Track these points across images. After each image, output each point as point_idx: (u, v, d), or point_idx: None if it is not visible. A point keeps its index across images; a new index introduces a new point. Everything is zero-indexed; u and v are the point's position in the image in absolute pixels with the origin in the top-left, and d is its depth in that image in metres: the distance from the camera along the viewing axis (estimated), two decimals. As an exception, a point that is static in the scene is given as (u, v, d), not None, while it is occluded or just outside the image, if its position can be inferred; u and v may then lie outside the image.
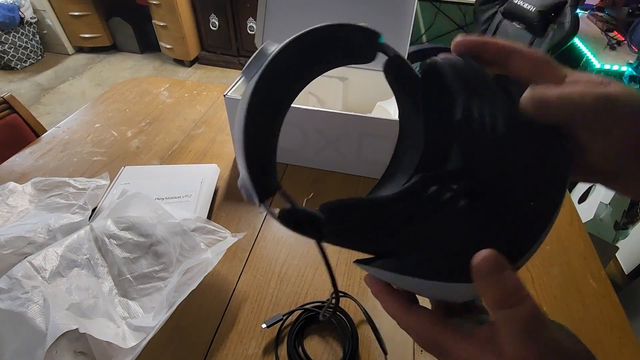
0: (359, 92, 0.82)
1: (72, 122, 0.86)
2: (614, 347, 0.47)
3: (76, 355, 0.38)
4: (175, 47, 2.70)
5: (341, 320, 0.47)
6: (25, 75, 2.61)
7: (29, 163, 0.73)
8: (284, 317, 0.47)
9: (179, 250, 0.49)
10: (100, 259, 0.48)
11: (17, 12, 2.46)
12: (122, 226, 0.49)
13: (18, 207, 0.56)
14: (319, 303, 0.49)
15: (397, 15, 0.71)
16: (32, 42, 2.67)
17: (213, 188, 0.66)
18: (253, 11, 2.44)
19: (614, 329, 0.49)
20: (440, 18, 2.36)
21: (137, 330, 0.42)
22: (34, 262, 0.43)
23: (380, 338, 0.44)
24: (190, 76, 2.74)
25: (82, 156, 0.75)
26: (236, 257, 0.56)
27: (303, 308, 0.48)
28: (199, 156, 0.76)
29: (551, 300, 0.52)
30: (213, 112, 0.90)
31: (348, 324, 0.46)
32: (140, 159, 0.75)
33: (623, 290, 1.27)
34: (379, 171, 0.28)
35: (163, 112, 0.90)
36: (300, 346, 0.45)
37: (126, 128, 0.84)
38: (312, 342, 0.46)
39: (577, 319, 0.50)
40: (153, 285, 0.47)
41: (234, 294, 0.52)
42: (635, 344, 0.48)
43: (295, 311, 0.48)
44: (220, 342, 0.46)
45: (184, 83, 1.03)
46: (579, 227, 0.64)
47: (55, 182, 0.60)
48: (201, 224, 0.52)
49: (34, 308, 0.38)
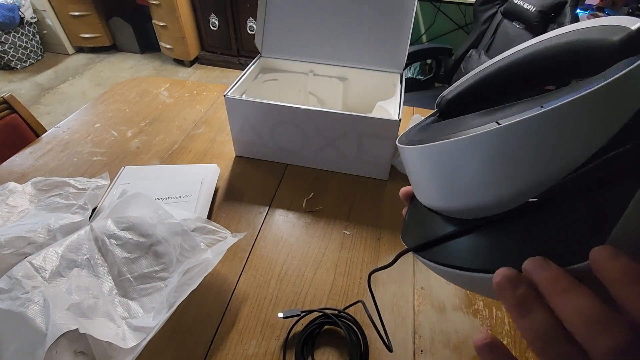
0: (359, 92, 0.82)
1: (72, 122, 0.86)
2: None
3: (76, 355, 0.38)
4: (175, 47, 2.70)
5: (351, 329, 0.46)
6: (25, 75, 2.61)
7: (29, 163, 0.73)
8: (302, 313, 0.48)
9: (179, 251, 0.49)
10: (100, 259, 0.48)
11: (17, 12, 2.45)
12: (122, 226, 0.49)
13: (18, 207, 0.56)
14: (336, 311, 0.49)
15: (397, 15, 0.71)
16: (32, 42, 2.67)
17: (213, 188, 0.66)
18: (253, 11, 2.44)
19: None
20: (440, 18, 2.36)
21: (137, 331, 0.42)
22: (34, 262, 0.43)
23: (387, 334, 0.44)
24: (190, 76, 2.74)
25: (82, 156, 0.75)
26: (236, 257, 0.56)
27: (322, 311, 0.48)
28: (199, 156, 0.76)
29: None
30: (213, 112, 0.90)
31: (358, 332, 0.46)
32: (140, 159, 0.75)
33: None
34: (379, 171, 0.29)
35: (163, 112, 0.90)
36: (311, 350, 0.46)
37: (126, 128, 0.84)
38: (320, 346, 0.46)
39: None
40: (153, 286, 0.47)
41: (234, 294, 0.52)
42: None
43: (314, 312, 0.48)
44: (220, 342, 0.46)
45: (184, 83, 1.03)
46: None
47: (55, 182, 0.60)
48: (201, 224, 0.52)
49: (34, 308, 0.38)
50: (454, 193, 0.20)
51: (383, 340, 0.42)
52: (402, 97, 0.68)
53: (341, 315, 0.48)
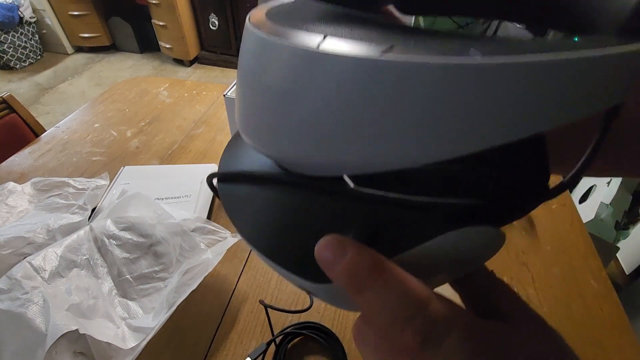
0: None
1: (72, 122, 0.85)
2: (615, 348, 0.47)
3: (76, 355, 0.38)
4: (174, 46, 2.70)
5: (329, 340, 0.45)
6: (25, 75, 2.60)
7: (28, 163, 0.73)
8: (267, 346, 0.45)
9: (179, 251, 0.49)
10: (99, 259, 0.47)
11: (16, 12, 2.45)
12: (122, 226, 0.49)
13: (17, 207, 0.56)
14: (303, 323, 0.47)
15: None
16: (31, 42, 2.67)
17: (213, 188, 0.66)
18: (253, 11, 2.43)
19: (615, 329, 0.49)
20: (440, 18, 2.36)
21: (137, 331, 0.42)
22: (33, 262, 0.43)
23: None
24: (190, 76, 2.74)
25: (82, 156, 0.75)
26: (236, 257, 0.56)
27: (283, 333, 0.46)
28: (199, 156, 0.76)
29: (551, 300, 0.52)
30: (213, 112, 0.90)
31: (335, 340, 0.45)
32: (139, 159, 0.75)
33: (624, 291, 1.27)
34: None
35: (163, 112, 0.90)
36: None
37: (126, 128, 0.84)
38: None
39: (577, 319, 0.50)
40: (153, 286, 0.47)
41: (234, 294, 0.51)
42: (636, 344, 0.48)
43: (278, 336, 0.46)
44: (220, 342, 0.46)
45: (183, 83, 1.02)
46: (580, 228, 0.64)
47: (55, 182, 0.60)
48: (201, 224, 0.52)
49: (33, 309, 0.38)
50: (335, 137, 0.12)
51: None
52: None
53: (308, 325, 0.47)
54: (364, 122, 0.12)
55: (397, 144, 0.11)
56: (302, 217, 0.15)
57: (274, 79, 0.13)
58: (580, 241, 0.61)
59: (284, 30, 0.13)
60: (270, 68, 0.13)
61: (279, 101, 0.13)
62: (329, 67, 0.11)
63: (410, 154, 0.12)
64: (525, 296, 0.52)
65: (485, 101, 0.10)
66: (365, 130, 0.12)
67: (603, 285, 0.54)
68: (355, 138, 0.12)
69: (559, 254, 0.59)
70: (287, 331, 0.46)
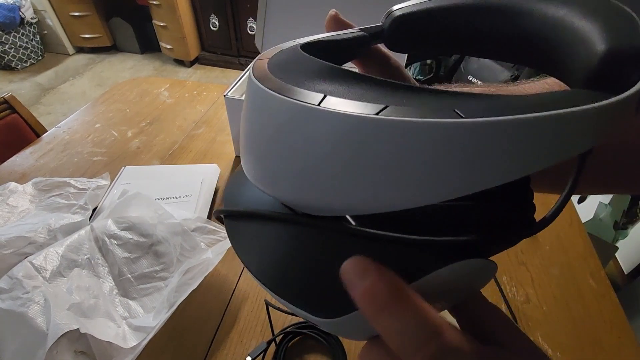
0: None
1: (73, 122, 0.86)
2: (614, 347, 0.47)
3: (77, 355, 0.38)
4: (175, 47, 2.70)
5: (328, 339, 0.46)
6: (26, 76, 2.61)
7: (30, 163, 0.73)
8: (267, 345, 0.45)
9: (180, 250, 0.49)
10: (100, 259, 0.48)
11: (17, 13, 2.46)
12: (123, 226, 0.50)
13: (19, 207, 0.56)
14: (304, 323, 0.47)
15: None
16: (32, 43, 2.67)
17: (213, 188, 0.66)
18: (253, 11, 2.44)
19: (614, 329, 0.49)
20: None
21: (138, 330, 0.42)
22: (34, 262, 0.43)
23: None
24: (191, 76, 2.74)
25: (83, 156, 0.75)
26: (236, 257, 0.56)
27: (284, 332, 0.46)
28: (199, 156, 0.76)
29: (551, 300, 0.52)
30: (213, 112, 0.90)
31: (335, 339, 0.46)
32: (140, 159, 0.75)
33: (622, 290, 1.27)
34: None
35: (163, 112, 0.90)
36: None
37: (126, 128, 0.84)
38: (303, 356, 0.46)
39: (576, 319, 0.50)
40: (153, 285, 0.47)
41: (234, 294, 0.52)
42: (635, 344, 0.48)
43: (278, 335, 0.46)
44: (220, 342, 0.46)
45: (184, 83, 1.03)
46: (579, 227, 0.64)
47: (56, 182, 0.60)
48: (201, 224, 0.52)
49: (34, 308, 0.38)
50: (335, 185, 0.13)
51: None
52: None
53: (308, 324, 0.47)
54: (361, 172, 0.13)
55: (392, 191, 0.13)
56: (306, 253, 0.16)
57: (277, 132, 0.14)
58: (579, 241, 0.61)
59: (288, 87, 0.14)
60: (273, 121, 0.14)
61: (281, 151, 0.14)
62: (329, 125, 0.13)
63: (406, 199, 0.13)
64: (524, 296, 0.52)
65: (468, 154, 0.11)
66: (363, 179, 0.13)
67: (602, 285, 0.54)
68: (353, 186, 0.13)
69: (558, 254, 0.59)
70: (287, 330, 0.46)
